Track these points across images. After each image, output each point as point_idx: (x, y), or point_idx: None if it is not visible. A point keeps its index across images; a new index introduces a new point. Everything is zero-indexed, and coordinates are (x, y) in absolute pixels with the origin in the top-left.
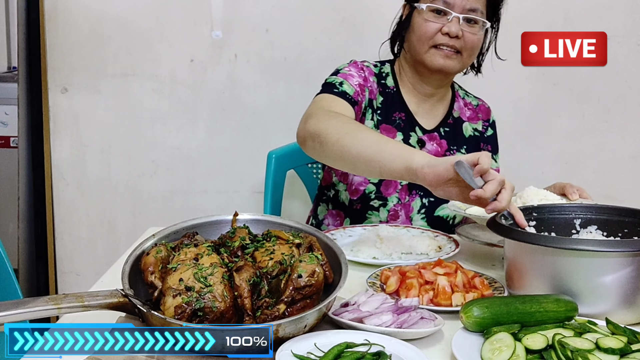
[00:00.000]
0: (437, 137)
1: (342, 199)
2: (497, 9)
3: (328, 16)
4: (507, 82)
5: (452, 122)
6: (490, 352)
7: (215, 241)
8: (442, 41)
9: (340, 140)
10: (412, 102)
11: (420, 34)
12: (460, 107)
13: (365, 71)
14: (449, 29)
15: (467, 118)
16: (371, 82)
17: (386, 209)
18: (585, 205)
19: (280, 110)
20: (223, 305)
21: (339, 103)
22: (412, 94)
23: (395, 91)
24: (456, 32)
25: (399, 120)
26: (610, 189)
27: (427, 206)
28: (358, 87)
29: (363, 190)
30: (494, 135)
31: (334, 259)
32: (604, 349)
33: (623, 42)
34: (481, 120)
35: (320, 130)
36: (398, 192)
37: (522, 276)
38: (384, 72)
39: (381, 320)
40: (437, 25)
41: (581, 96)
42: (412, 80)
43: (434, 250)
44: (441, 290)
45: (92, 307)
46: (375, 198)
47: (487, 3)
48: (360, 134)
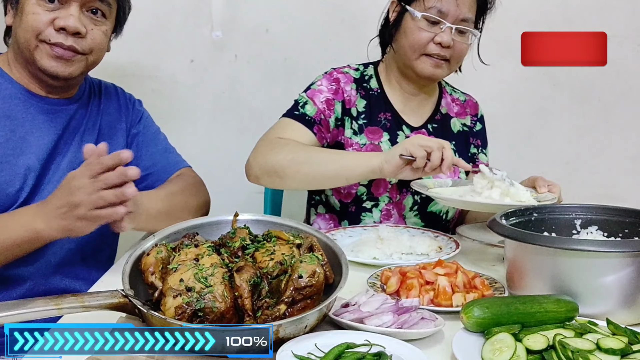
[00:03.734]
0: (425, 133)
1: (332, 203)
2: (484, 16)
3: (328, 17)
4: (507, 82)
5: (439, 118)
6: (491, 353)
7: (216, 241)
8: (434, 50)
9: (301, 170)
10: (398, 101)
11: (412, 41)
12: (447, 103)
13: (340, 82)
14: (442, 39)
15: (455, 113)
16: (347, 91)
17: (378, 209)
18: (586, 206)
19: (280, 110)
20: (223, 306)
21: (293, 128)
22: (398, 93)
23: (379, 92)
24: (448, 42)
25: (385, 121)
26: (610, 189)
27: (419, 202)
28: (325, 103)
29: (355, 193)
30: (483, 129)
31: (335, 259)
32: (605, 350)
33: (623, 42)
34: (469, 115)
35: (274, 166)
36: (389, 192)
37: (522, 276)
38: (367, 75)
39: (382, 321)
40: (430, 34)
41: (581, 96)
42: (398, 80)
43: (435, 251)
44: (442, 290)
45: (93, 308)
46: (367, 199)
47: (476, 11)
48: (315, 158)
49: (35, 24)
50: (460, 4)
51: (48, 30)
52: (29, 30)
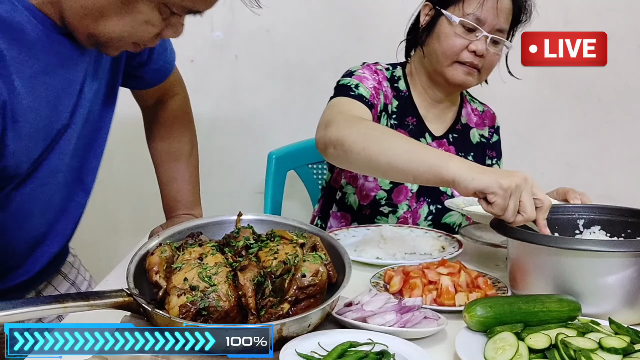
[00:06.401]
0: (445, 143)
1: (349, 202)
2: (516, 29)
3: (329, 17)
4: (507, 83)
5: (460, 128)
6: (494, 352)
7: (220, 241)
8: (467, 58)
9: (367, 148)
10: (422, 107)
11: (446, 47)
12: (467, 113)
13: (379, 74)
14: (476, 47)
15: (474, 124)
16: (385, 86)
17: (395, 216)
18: (589, 206)
19: (281, 111)
20: (227, 305)
21: (357, 106)
22: (422, 98)
23: (407, 95)
24: (482, 51)
25: (411, 126)
26: (610, 189)
27: (434, 213)
28: (373, 90)
29: (374, 196)
30: (499, 141)
31: (338, 258)
32: (607, 349)
33: (623, 42)
34: (487, 126)
35: (342, 138)
36: (408, 200)
37: (525, 276)
38: (396, 76)
39: (384, 320)
40: (465, 41)
41: (581, 97)
42: (424, 85)
43: (437, 251)
44: (445, 290)
45: (98, 307)
46: (386, 204)
47: (511, 23)
48: (387, 142)
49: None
50: (499, 14)
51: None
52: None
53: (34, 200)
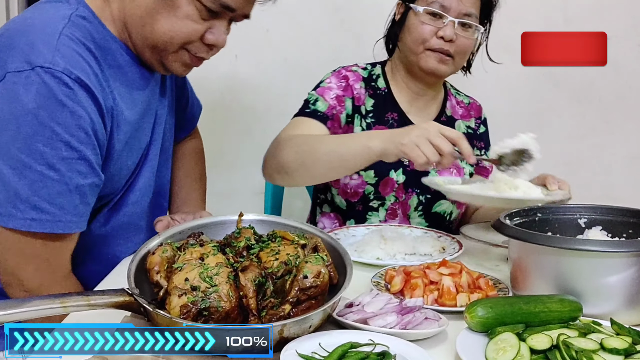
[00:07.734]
0: None
1: (337, 203)
2: (489, 13)
3: (328, 17)
4: (507, 82)
5: (445, 120)
6: (495, 352)
7: (221, 241)
8: (437, 45)
9: (304, 164)
10: (404, 102)
11: (415, 36)
12: (452, 106)
13: (349, 79)
14: (444, 33)
15: (459, 116)
16: (357, 89)
17: (384, 208)
18: (590, 206)
19: (280, 110)
20: (228, 305)
21: (308, 124)
22: (404, 92)
23: (386, 92)
24: (451, 36)
25: (392, 121)
26: (611, 189)
27: (424, 203)
28: (335, 99)
29: (362, 192)
30: (486, 132)
31: (339, 259)
32: (609, 349)
33: (623, 42)
34: (473, 117)
35: (280, 163)
36: (395, 191)
37: (526, 277)
38: (374, 74)
39: (385, 322)
40: (433, 28)
41: (581, 96)
42: (404, 79)
43: (438, 251)
44: (446, 290)
45: (98, 306)
46: (374, 198)
47: (481, 7)
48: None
49: None
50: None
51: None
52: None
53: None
